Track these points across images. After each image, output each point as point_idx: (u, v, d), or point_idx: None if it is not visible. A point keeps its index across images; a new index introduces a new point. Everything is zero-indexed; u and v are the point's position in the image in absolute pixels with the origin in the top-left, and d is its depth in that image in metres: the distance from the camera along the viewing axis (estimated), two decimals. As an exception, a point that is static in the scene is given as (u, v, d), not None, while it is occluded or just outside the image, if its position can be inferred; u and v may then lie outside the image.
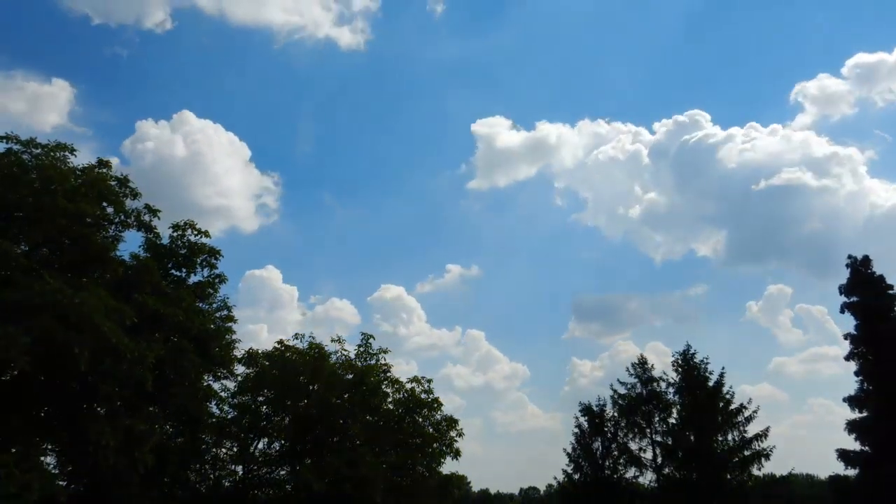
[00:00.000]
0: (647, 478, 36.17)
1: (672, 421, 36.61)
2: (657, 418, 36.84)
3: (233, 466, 28.45)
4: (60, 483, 15.96)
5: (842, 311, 34.09)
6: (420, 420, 31.08)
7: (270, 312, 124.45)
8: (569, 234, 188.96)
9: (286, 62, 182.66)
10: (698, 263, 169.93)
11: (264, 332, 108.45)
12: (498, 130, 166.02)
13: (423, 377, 31.69)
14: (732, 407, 35.28)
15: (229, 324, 25.91)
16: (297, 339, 30.92)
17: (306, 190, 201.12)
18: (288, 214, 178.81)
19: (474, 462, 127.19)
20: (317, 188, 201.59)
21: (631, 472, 36.59)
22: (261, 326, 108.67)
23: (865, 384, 32.78)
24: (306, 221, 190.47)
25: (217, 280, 25.32)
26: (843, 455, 32.65)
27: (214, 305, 25.64)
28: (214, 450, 28.07)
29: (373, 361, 31.30)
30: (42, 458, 17.28)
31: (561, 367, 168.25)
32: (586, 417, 38.06)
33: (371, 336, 31.86)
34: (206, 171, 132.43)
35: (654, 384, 37.46)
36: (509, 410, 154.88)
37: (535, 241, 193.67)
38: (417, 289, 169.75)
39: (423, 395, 31.16)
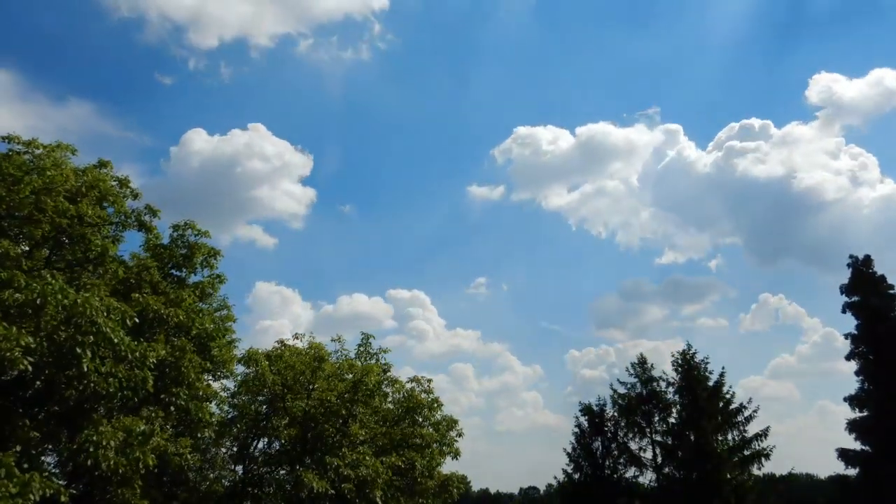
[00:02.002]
0: (647, 477, 36.27)
1: (672, 421, 36.65)
2: (657, 418, 36.89)
3: (233, 466, 28.41)
4: (60, 483, 15.89)
5: (843, 311, 34.17)
6: (420, 420, 31.02)
7: (293, 314, 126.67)
8: (588, 243, 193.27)
9: (327, 80, 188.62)
10: (715, 267, 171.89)
11: (286, 330, 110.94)
12: (522, 146, 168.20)
13: (422, 377, 31.59)
14: (732, 406, 35.32)
15: (229, 323, 25.91)
16: (296, 338, 30.89)
17: (341, 202, 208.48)
18: (317, 225, 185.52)
19: (477, 461, 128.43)
20: (349, 201, 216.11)
21: (631, 472, 36.68)
22: (281, 322, 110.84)
23: (866, 384, 32.85)
24: (333, 230, 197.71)
25: (217, 280, 25.29)
26: (844, 455, 32.69)
27: (214, 305, 25.63)
28: (214, 450, 28.01)
29: (373, 361, 31.22)
30: (42, 458, 17.23)
31: (571, 370, 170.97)
32: (586, 417, 38.09)
33: (371, 336, 31.76)
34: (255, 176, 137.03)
35: (654, 384, 37.50)
36: (516, 410, 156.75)
37: (556, 251, 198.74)
38: (442, 296, 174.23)
39: (422, 395, 31.10)
